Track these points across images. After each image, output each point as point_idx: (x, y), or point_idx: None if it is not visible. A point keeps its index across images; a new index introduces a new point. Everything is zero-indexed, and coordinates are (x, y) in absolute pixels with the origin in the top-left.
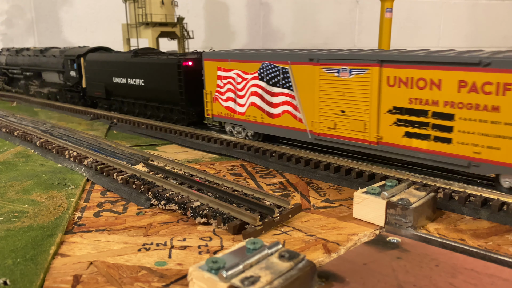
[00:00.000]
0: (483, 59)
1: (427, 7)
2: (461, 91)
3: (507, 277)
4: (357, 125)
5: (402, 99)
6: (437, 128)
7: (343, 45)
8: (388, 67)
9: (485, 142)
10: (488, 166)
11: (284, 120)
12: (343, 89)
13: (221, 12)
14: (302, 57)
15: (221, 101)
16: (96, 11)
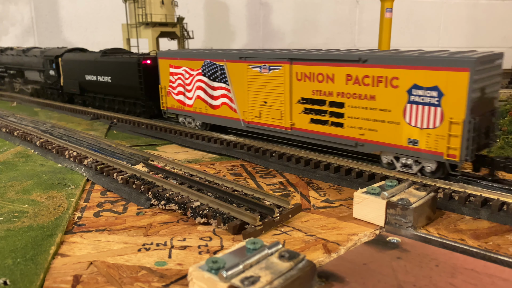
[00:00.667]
0: (362, 56)
1: (427, 7)
2: (348, 83)
3: (507, 277)
4: (276, 113)
5: (307, 91)
6: (332, 115)
7: (343, 45)
8: (296, 64)
9: (367, 125)
10: (370, 146)
11: (223, 111)
12: (265, 83)
13: (221, 12)
14: (234, 55)
15: (174, 95)
16: (96, 11)
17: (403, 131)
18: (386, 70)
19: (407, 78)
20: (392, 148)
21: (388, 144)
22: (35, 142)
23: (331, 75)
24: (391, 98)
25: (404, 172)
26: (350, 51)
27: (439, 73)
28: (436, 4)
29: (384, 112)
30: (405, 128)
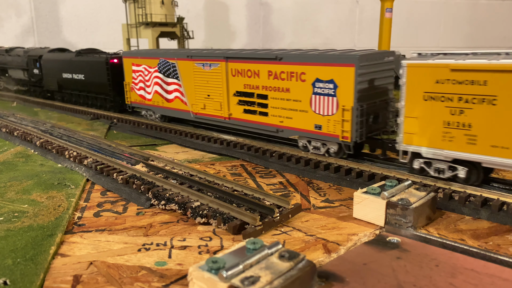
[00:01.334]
0: (278, 55)
1: (427, 7)
2: (270, 78)
3: (507, 277)
4: (216, 105)
5: (240, 85)
6: (259, 106)
7: (343, 45)
8: (231, 62)
9: (285, 114)
10: (288, 131)
11: (176, 104)
12: (207, 79)
13: (221, 12)
14: (183, 54)
15: (136, 90)
16: (96, 11)
17: (311, 118)
18: (296, 67)
19: (312, 73)
20: (304, 133)
21: (301, 130)
22: (35, 142)
23: (257, 71)
24: (301, 90)
25: (315, 153)
26: (271, 51)
27: (333, 68)
28: (436, 4)
29: (297, 102)
30: (312, 115)
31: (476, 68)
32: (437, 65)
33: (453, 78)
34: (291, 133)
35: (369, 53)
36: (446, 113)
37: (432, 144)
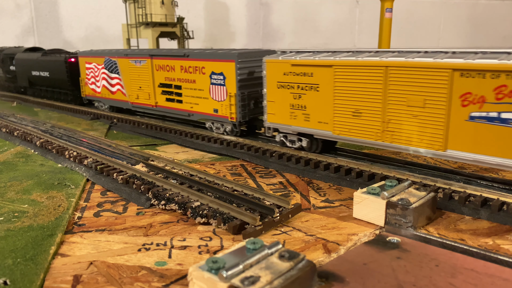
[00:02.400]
0: (186, 53)
1: (427, 7)
2: (182, 71)
3: (507, 277)
4: (146, 95)
5: (162, 78)
6: (176, 94)
7: (343, 45)
8: (154, 59)
9: (193, 101)
10: (196, 115)
11: (118, 95)
12: (139, 73)
13: (221, 12)
14: (121, 53)
15: (89, 85)
16: (96, 11)
17: (211, 104)
18: (199, 62)
19: (209, 67)
20: (207, 116)
21: (205, 113)
22: (35, 142)
23: (173, 66)
24: (203, 81)
25: (219, 133)
26: (181, 50)
27: (222, 63)
28: (436, 4)
29: (201, 91)
30: (211, 101)
31: (305, 64)
32: (283, 61)
33: (293, 71)
34: (198, 116)
35: (247, 51)
36: (291, 98)
37: (284, 121)
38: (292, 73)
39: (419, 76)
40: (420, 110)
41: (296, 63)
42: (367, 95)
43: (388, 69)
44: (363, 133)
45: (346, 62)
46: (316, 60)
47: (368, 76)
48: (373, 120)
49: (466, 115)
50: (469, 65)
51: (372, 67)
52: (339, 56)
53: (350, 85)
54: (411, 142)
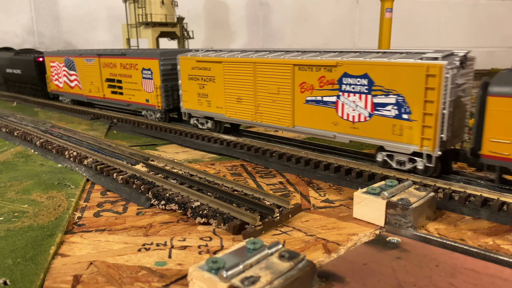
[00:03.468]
0: (124, 52)
1: (427, 7)
2: (121, 68)
3: (507, 277)
4: (96, 89)
5: (108, 74)
6: (118, 88)
7: (343, 45)
8: (101, 57)
9: (131, 92)
10: (133, 105)
11: (76, 90)
12: (90, 70)
13: (221, 12)
14: (77, 53)
15: (53, 81)
16: (96, 11)
17: (143, 95)
18: (133, 60)
19: (140, 64)
20: (141, 105)
21: (139, 103)
22: (35, 142)
23: (115, 63)
24: (137, 76)
25: (151, 119)
26: (120, 50)
27: (149, 61)
28: (436, 4)
29: (136, 84)
30: (143, 93)
31: (205, 60)
32: (191, 58)
33: (198, 66)
34: (135, 106)
35: (169, 51)
36: (197, 88)
37: (194, 107)
38: (197, 68)
39: (274, 70)
40: (276, 96)
41: (199, 59)
42: (245, 85)
43: (256, 65)
44: (243, 115)
45: (229, 59)
46: (211, 57)
47: (244, 71)
48: (249, 105)
49: (304, 99)
50: (302, 61)
51: (246, 63)
52: (226, 54)
53: (233, 77)
54: (273, 121)
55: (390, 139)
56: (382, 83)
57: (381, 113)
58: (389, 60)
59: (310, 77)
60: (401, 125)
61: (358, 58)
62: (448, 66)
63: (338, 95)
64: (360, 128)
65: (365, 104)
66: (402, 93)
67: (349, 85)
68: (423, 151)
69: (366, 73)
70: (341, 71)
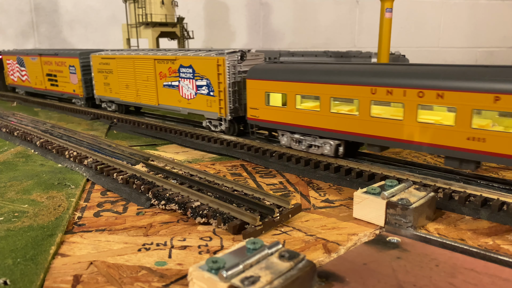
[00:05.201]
0: (56, 52)
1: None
2: (55, 65)
3: (507, 277)
4: (40, 81)
5: (47, 70)
6: (54, 81)
7: (343, 45)
8: (42, 56)
9: (63, 84)
10: (66, 94)
11: (26, 83)
12: (35, 66)
13: (221, 12)
14: (25, 52)
15: (10, 76)
16: (96, 11)
17: (71, 86)
18: (63, 58)
19: (68, 62)
20: (71, 94)
21: (69, 93)
22: (35, 142)
23: (51, 61)
24: (66, 71)
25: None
26: (54, 50)
27: (73, 59)
28: (436, 4)
29: (66, 78)
30: (71, 85)
31: (105, 57)
32: (98, 56)
33: (102, 62)
34: (66, 95)
35: (87, 51)
36: (103, 79)
37: (102, 94)
38: (102, 63)
39: (144, 63)
40: (147, 83)
41: (102, 57)
42: (129, 75)
43: (134, 60)
44: (131, 98)
45: (119, 56)
46: (109, 55)
47: (128, 65)
48: (133, 90)
49: (162, 84)
50: (159, 56)
51: (129, 59)
52: (118, 52)
53: (123, 70)
54: (147, 101)
55: (206, 110)
56: (199, 71)
57: (200, 92)
58: (200, 55)
59: (163, 68)
60: (210, 100)
61: (186, 54)
62: (229, 59)
63: (179, 80)
64: (192, 103)
65: (192, 86)
66: (209, 77)
67: (184, 73)
68: (222, 117)
69: (190, 65)
70: (179, 63)
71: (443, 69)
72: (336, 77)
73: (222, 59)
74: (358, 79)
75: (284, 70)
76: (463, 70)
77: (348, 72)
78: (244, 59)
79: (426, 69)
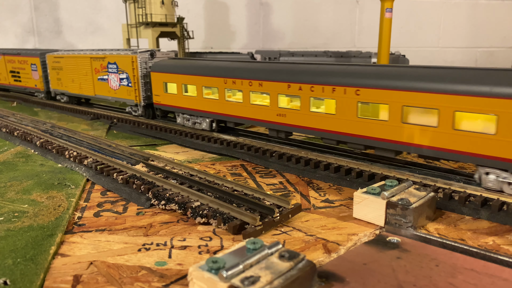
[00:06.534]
0: (18, 52)
1: (427, 7)
2: (18, 63)
3: (507, 277)
4: (4, 78)
5: (10, 67)
6: (18, 77)
7: (343, 45)
8: (5, 56)
9: (26, 80)
10: (28, 89)
11: None
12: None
13: (221, 12)
14: None
15: None
16: (96, 11)
17: (33, 81)
18: (25, 58)
19: (30, 61)
20: (33, 89)
21: (31, 87)
22: (35, 142)
23: (15, 60)
24: (28, 68)
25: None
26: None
27: (35, 58)
28: (436, 4)
29: (28, 74)
30: (33, 80)
31: (57, 56)
32: (51, 55)
33: (55, 60)
34: (29, 89)
35: (46, 51)
36: (56, 75)
37: (56, 87)
38: (55, 62)
39: (83, 61)
40: (86, 77)
41: (55, 56)
42: (74, 71)
43: (76, 58)
44: (76, 90)
45: (66, 55)
46: (59, 54)
47: (72, 62)
48: (77, 83)
49: (96, 78)
50: (93, 55)
51: (73, 58)
52: (66, 52)
53: (69, 67)
54: (87, 92)
55: (127, 98)
56: (120, 67)
57: (122, 83)
58: (121, 54)
59: (97, 64)
60: (129, 90)
61: (112, 53)
62: (141, 56)
63: (108, 75)
64: (117, 93)
65: (117, 79)
66: (127, 72)
67: (111, 68)
68: (137, 103)
69: (115, 62)
70: (107, 61)
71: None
72: (204, 71)
73: (135, 57)
74: (218, 72)
75: (175, 65)
76: None
77: (213, 67)
78: (154, 57)
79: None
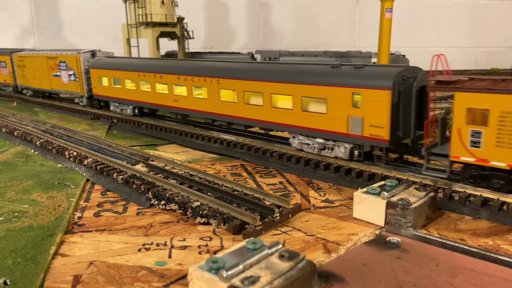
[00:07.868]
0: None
1: (427, 7)
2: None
3: (507, 277)
4: None
5: None
6: None
7: (343, 45)
8: None
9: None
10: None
11: None
12: None
13: (221, 12)
14: None
15: None
16: (96, 11)
17: (2, 77)
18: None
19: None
20: (2, 84)
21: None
22: (35, 142)
23: None
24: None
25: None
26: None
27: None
28: (436, 4)
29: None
30: (3, 76)
31: (20, 56)
32: (17, 55)
33: (20, 59)
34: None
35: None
36: (21, 71)
37: (22, 83)
38: (19, 60)
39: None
40: (44, 73)
41: (19, 56)
42: (35, 68)
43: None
44: (37, 85)
45: (27, 55)
46: (22, 54)
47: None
48: (37, 79)
49: (52, 74)
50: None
51: (33, 57)
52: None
53: (31, 65)
54: (45, 86)
55: (74, 91)
56: (69, 65)
57: (71, 79)
58: (68, 54)
59: (51, 63)
60: (76, 84)
61: (62, 53)
62: (83, 55)
63: (60, 71)
64: (68, 87)
65: (67, 75)
66: (74, 68)
67: (62, 66)
68: (82, 95)
69: (64, 60)
70: (58, 60)
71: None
72: (125, 67)
73: (78, 56)
74: (134, 68)
75: (106, 63)
76: None
77: (131, 64)
78: (95, 56)
79: None
